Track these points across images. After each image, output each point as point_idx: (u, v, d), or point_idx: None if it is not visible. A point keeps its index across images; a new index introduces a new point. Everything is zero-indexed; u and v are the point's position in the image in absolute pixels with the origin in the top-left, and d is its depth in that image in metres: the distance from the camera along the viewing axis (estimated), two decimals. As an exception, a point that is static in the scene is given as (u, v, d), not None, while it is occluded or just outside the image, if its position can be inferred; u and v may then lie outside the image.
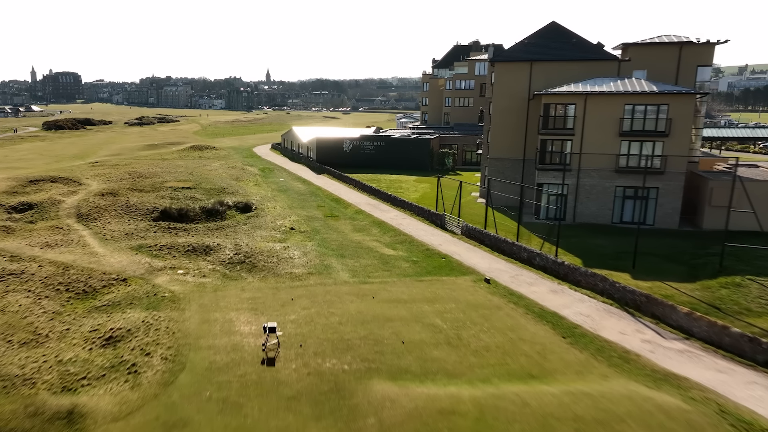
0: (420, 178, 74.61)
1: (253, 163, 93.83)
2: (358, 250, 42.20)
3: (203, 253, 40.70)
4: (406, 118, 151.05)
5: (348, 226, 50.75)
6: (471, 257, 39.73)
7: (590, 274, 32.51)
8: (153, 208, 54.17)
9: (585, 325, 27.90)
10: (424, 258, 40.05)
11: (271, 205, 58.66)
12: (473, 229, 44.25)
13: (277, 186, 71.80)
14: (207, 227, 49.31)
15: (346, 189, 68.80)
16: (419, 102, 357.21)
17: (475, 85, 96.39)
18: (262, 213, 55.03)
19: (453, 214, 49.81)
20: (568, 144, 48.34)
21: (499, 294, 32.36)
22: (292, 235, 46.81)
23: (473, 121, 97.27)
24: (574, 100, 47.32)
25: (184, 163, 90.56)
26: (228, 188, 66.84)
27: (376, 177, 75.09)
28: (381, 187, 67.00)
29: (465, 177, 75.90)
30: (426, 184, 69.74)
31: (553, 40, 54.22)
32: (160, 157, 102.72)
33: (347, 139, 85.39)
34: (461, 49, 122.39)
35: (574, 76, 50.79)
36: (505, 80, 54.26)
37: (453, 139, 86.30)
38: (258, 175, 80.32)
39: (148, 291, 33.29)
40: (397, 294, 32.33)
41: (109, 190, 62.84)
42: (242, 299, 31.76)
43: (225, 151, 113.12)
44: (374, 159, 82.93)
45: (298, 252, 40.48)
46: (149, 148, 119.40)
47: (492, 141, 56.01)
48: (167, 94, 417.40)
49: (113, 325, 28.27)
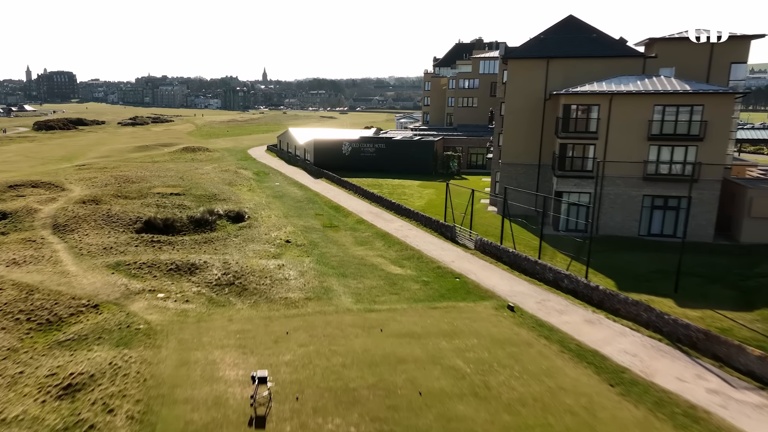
0: (424, 182, 70.11)
1: (247, 166, 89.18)
2: (361, 268, 37.67)
3: (188, 273, 36.09)
4: (406, 118, 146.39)
5: (349, 238, 46.21)
6: (488, 277, 35.22)
7: (631, 302, 28.02)
8: (136, 218, 49.51)
9: (634, 368, 23.42)
10: (435, 278, 35.53)
11: (265, 214, 54.06)
12: (488, 243, 39.74)
13: (273, 192, 67.20)
14: (194, 240, 44.69)
15: (345, 195, 64.24)
16: (421, 102, 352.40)
17: (479, 84, 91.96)
18: (255, 223, 50.44)
19: (463, 224, 45.35)
20: (590, 149, 43.88)
21: (526, 325, 27.86)
22: (288, 250, 42.26)
23: (478, 121, 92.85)
24: (598, 101, 42.86)
25: (175, 166, 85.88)
26: (220, 194, 62.24)
27: (378, 182, 70.55)
28: (383, 193, 62.48)
29: (471, 181, 71.48)
30: (431, 190, 65.23)
31: (571, 35, 49.73)
32: (150, 160, 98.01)
33: (346, 140, 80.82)
34: (463, 48, 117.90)
35: (595, 74, 46.30)
36: (518, 79, 49.77)
37: (457, 141, 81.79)
38: (252, 180, 75.70)
39: (121, 321, 28.70)
40: (409, 326, 27.81)
41: (91, 197, 58.16)
42: (229, 333, 27.20)
43: (219, 152, 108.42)
44: (375, 162, 78.37)
45: (294, 271, 35.88)
46: (140, 150, 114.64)
47: (504, 145, 51.52)
48: (163, 93, 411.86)
49: (75, 368, 23.67)
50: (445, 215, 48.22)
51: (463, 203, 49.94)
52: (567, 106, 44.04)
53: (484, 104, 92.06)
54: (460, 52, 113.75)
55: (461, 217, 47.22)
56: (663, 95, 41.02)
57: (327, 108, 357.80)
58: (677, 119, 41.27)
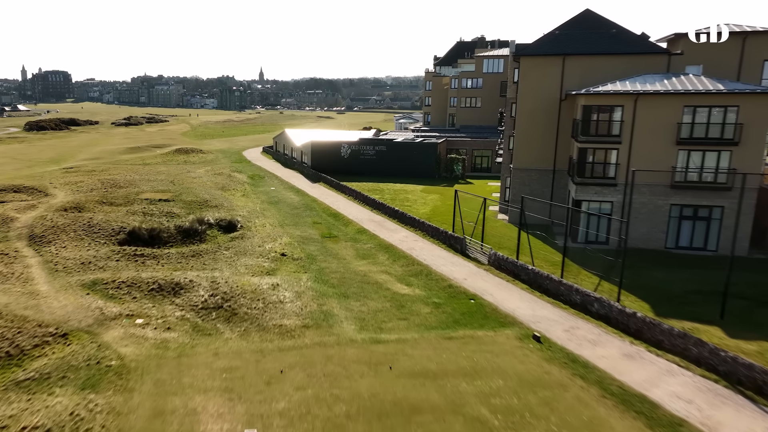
0: (427, 187, 66.32)
1: (242, 168, 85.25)
2: (364, 287, 33.88)
3: (171, 294, 32.22)
4: (406, 118, 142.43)
5: (350, 250, 42.42)
6: (507, 299, 31.45)
7: (678, 333, 24.28)
8: (120, 229, 45.60)
9: (692, 419, 19.69)
10: (447, 299, 31.76)
11: (259, 223, 50.21)
12: (504, 258, 35.97)
13: (268, 197, 63.33)
14: (181, 253, 40.82)
15: (345, 201, 60.41)
16: (420, 102, 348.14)
17: (483, 84, 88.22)
18: (248, 233, 46.60)
19: (474, 236, 41.62)
20: (612, 154, 40.16)
21: (557, 361, 24.11)
22: (284, 264, 38.44)
23: (481, 122, 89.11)
24: (622, 102, 39.14)
25: (167, 170, 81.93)
26: (211, 200, 58.34)
27: (378, 186, 66.74)
28: (385, 198, 58.70)
29: (477, 186, 67.73)
30: (435, 195, 61.44)
31: (588, 30, 46.01)
32: (141, 162, 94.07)
33: (345, 142, 76.97)
34: (465, 46, 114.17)
35: (616, 72, 42.60)
36: (532, 78, 46.02)
37: (461, 143, 77.99)
38: (246, 184, 71.80)
39: (91, 356, 24.85)
40: (423, 361, 24.03)
41: (74, 203, 54.22)
42: (214, 371, 23.38)
43: (213, 154, 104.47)
44: (375, 165, 74.55)
45: (289, 292, 32.02)
46: (132, 152, 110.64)
47: (516, 149, 47.76)
48: (158, 93, 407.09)
49: (29, 420, 19.87)
50: (454, 225, 44.45)
51: (471, 211, 46.19)
52: (587, 107, 40.32)
53: (487, 104, 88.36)
54: (462, 51, 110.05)
55: (471, 227, 43.47)
56: (694, 95, 37.33)
57: (324, 108, 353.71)
58: (709, 122, 37.59)
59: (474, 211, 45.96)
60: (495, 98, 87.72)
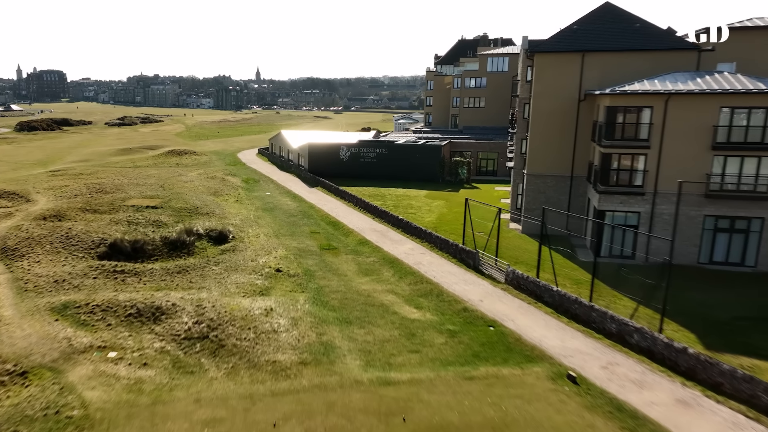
0: (431, 192, 62.53)
1: (236, 171, 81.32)
2: (368, 310, 30.09)
3: (151, 320, 28.38)
4: (405, 119, 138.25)
5: (351, 264, 38.63)
6: (531, 325, 27.70)
7: (743, 376, 20.53)
8: (100, 241, 41.71)
9: (778, 494, 15.98)
10: (463, 325, 28.00)
11: (253, 233, 46.38)
12: (523, 277, 32.20)
13: (262, 203, 59.47)
14: (166, 269, 36.97)
15: (344, 208, 56.56)
16: (419, 101, 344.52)
17: (487, 83, 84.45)
18: (240, 245, 42.78)
19: (486, 249, 37.89)
20: (640, 160, 36.45)
21: (600, 410, 20.33)
22: (279, 282, 34.65)
23: (485, 123, 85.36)
24: (651, 102, 35.43)
25: (157, 173, 78.01)
26: (202, 207, 54.47)
27: (380, 191, 62.94)
28: (387, 205, 54.91)
29: (484, 190, 63.97)
30: (440, 202, 57.63)
31: (610, 24, 42.32)
32: (132, 164, 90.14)
33: (344, 145, 73.10)
34: (467, 44, 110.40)
35: (640, 70, 38.92)
36: (548, 76, 42.29)
37: (465, 145, 74.17)
38: (240, 188, 67.92)
39: (51, 402, 21.01)
40: (442, 410, 20.23)
41: (55, 211, 50.33)
42: (194, 424, 19.55)
43: (206, 156, 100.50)
44: (375, 168, 70.71)
45: (285, 319, 28.18)
46: (123, 153, 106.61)
47: (531, 153, 44.01)
48: (154, 92, 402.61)
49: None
50: (464, 236, 40.68)
51: (481, 221, 42.51)
52: (611, 108, 36.59)
53: (492, 105, 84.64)
54: (464, 49, 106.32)
55: (482, 238, 39.73)
56: (732, 96, 33.64)
57: (321, 108, 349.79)
58: (749, 124, 33.92)
59: (484, 221, 42.28)
60: (499, 98, 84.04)
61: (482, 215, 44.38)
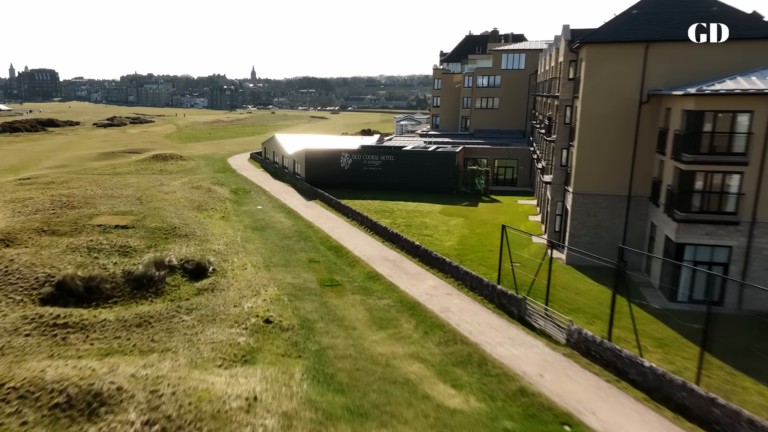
0: (447, 207, 54.16)
1: (225, 180, 72.73)
2: (388, 392, 21.70)
3: (84, 415, 19.82)
4: (407, 120, 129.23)
5: (360, 310, 30.24)
6: (622, 424, 19.35)
7: None
8: (46, 278, 33.17)
9: None
10: (525, 421, 19.63)
11: (238, 262, 38.00)
12: (594, 341, 23.81)
13: (252, 220, 51.00)
14: (122, 321, 28.48)
15: (347, 227, 48.11)
16: (420, 101, 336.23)
17: (501, 82, 76.12)
18: (222, 280, 34.39)
19: (529, 289, 29.57)
20: (734, 179, 28.21)
21: None
22: (267, 340, 26.26)
23: (500, 126, 77.02)
24: (750, 105, 27.20)
25: (137, 181, 69.40)
26: (181, 227, 46.01)
27: (387, 206, 54.54)
28: (397, 224, 46.57)
29: (506, 204, 55.62)
30: (459, 220, 49.24)
31: (679, 8, 34.05)
32: (112, 171, 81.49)
33: (345, 151, 64.63)
34: (474, 40, 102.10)
35: (723, 65, 30.74)
36: (601, 73, 33.96)
37: (481, 151, 65.78)
38: (228, 201, 59.43)
39: None
40: None
41: (3, 233, 41.76)
42: None
43: (194, 161, 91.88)
44: (381, 178, 62.33)
45: (273, 419, 19.67)
46: (104, 158, 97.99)
47: (578, 167, 35.69)
48: (147, 92, 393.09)
49: None
50: (500, 273, 32.34)
51: (511, 245, 34.23)
52: (696, 113, 28.31)
53: (507, 105, 76.30)
54: (472, 46, 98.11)
55: (522, 274, 31.38)
56: None
57: (317, 107, 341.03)
58: None
59: (515, 246, 34.03)
60: (515, 98, 75.72)
61: (513, 238, 36.11)
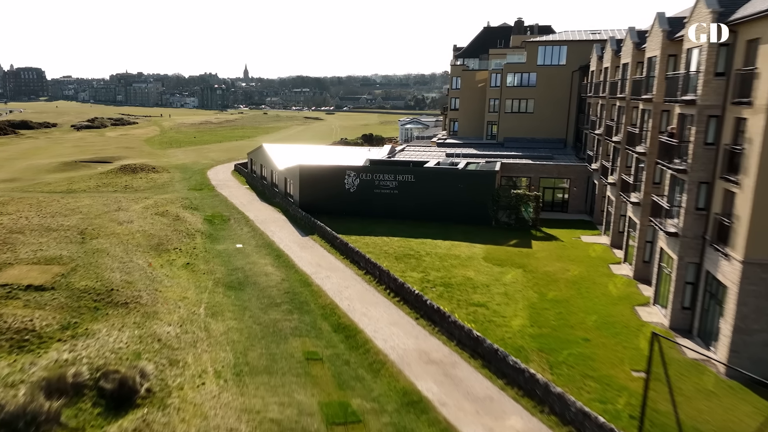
0: (490, 248, 39.78)
1: (200, 202, 57.90)
2: None
3: None
4: (413, 123, 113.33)
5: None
6: None
7: None
8: None
9: None
10: None
11: (193, 368, 23.49)
12: None
13: (227, 270, 36.41)
14: None
15: (361, 286, 33.52)
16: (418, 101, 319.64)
17: (537, 80, 61.82)
18: (160, 415, 19.89)
19: None
20: None
21: None
22: None
23: (535, 133, 62.67)
24: None
25: (89, 204, 54.61)
26: (122, 288, 31.48)
27: (410, 246, 40.10)
28: (431, 280, 32.26)
29: (569, 244, 40.96)
30: (515, 272, 34.75)
31: None
32: (66, 186, 66.61)
33: (350, 168, 50.02)
34: (494, 33, 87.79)
35: None
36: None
37: (522, 168, 51.22)
38: (199, 236, 44.74)
39: None
40: None
41: None
42: None
43: (168, 173, 76.93)
44: (397, 204, 47.85)
45: None
46: (65, 169, 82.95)
47: (756, 219, 21.28)
48: (136, 91, 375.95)
49: None
50: (642, 422, 18.00)
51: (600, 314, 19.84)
52: None
53: (544, 108, 61.95)
54: (492, 39, 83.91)
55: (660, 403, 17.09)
56: None
57: (312, 107, 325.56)
58: None
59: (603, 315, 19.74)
60: (554, 100, 61.40)
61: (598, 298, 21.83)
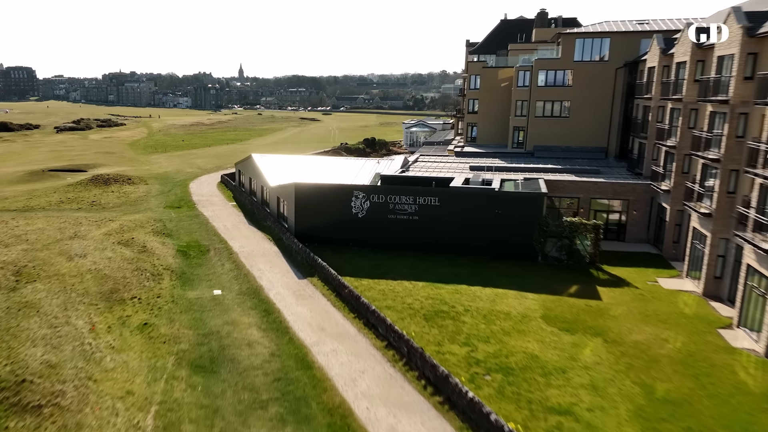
0: (547, 299, 30.07)
1: (175, 225, 47.83)
2: None
3: None
4: (419, 126, 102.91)
5: None
6: None
7: None
8: None
9: None
10: None
11: None
12: None
13: (196, 339, 26.43)
14: None
15: (381, 369, 23.68)
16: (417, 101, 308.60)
17: (573, 79, 52.15)
18: None
19: None
20: None
21: None
22: None
23: (570, 140, 53.02)
24: None
25: (42, 228, 44.56)
26: (38, 379, 21.75)
27: (441, 296, 30.30)
28: (482, 361, 22.60)
29: (643, 289, 31.11)
30: (594, 343, 25.08)
31: None
32: (24, 203, 56.46)
33: (358, 188, 40.15)
34: (513, 26, 78.08)
35: None
36: None
37: (569, 186, 41.65)
38: (167, 275, 34.74)
39: None
40: None
41: None
42: None
43: (146, 185, 66.81)
44: (418, 233, 38.08)
45: None
46: (31, 179, 72.74)
47: None
48: (128, 91, 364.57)
49: None
50: None
51: None
52: None
53: (582, 112, 52.31)
54: (511, 32, 74.39)
55: None
56: None
57: (308, 107, 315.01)
58: None
59: None
60: (594, 102, 51.74)
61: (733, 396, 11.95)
